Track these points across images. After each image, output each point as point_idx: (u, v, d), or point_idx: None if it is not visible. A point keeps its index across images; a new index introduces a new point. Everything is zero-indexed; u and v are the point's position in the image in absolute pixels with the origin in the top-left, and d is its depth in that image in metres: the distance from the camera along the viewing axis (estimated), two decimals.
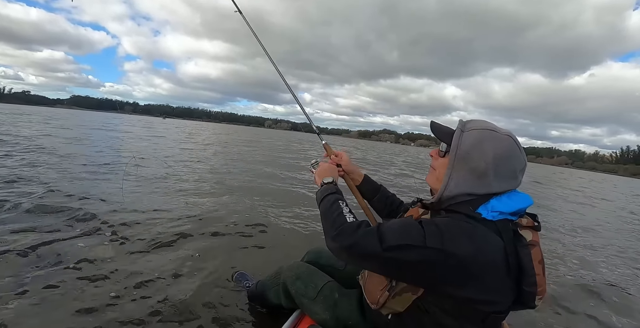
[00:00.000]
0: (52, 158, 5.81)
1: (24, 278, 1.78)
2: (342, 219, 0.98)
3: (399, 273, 0.90)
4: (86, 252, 2.17)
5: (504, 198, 0.88)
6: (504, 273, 0.83)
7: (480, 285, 0.83)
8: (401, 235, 0.85)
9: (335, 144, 19.27)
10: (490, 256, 0.82)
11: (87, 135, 12.08)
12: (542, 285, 0.86)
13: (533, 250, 0.85)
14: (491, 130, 0.91)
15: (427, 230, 0.84)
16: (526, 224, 0.88)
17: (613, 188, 20.12)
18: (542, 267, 0.86)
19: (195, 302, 1.76)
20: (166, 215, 3.17)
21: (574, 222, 5.79)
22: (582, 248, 4.06)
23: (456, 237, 0.82)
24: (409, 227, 0.87)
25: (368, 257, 0.88)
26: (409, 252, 0.83)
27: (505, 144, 0.89)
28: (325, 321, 1.21)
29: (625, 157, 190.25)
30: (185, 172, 5.93)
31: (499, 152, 0.88)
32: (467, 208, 0.89)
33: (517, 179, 0.91)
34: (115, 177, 4.68)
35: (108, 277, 1.90)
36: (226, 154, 10.81)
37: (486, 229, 0.85)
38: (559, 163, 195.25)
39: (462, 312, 0.87)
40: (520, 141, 0.94)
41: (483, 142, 0.90)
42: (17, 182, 3.79)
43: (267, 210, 3.84)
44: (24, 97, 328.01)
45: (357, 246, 0.89)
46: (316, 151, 16.70)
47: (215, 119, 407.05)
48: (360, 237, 0.89)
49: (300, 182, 6.29)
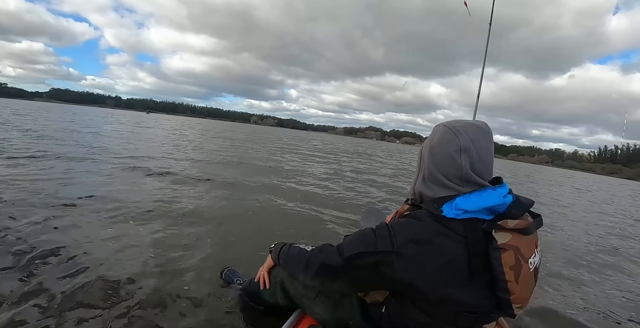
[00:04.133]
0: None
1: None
2: (304, 252, 1.10)
3: (364, 285, 0.98)
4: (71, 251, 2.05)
5: (473, 197, 0.86)
6: (464, 273, 0.83)
7: (434, 284, 0.84)
8: (355, 245, 0.93)
9: (324, 141, 19.22)
10: (442, 251, 0.83)
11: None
12: (517, 293, 0.82)
13: (504, 254, 0.81)
14: (436, 125, 1.00)
15: (379, 235, 0.90)
16: (513, 226, 0.82)
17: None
18: (514, 273, 0.81)
19: (184, 301, 1.67)
20: (148, 208, 3.05)
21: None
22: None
23: (404, 235, 0.87)
24: (363, 235, 0.95)
25: (334, 272, 0.97)
26: (365, 259, 0.90)
27: (438, 133, 0.96)
28: (326, 321, 1.18)
29: (603, 156, 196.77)
30: (172, 164, 5.78)
31: (432, 142, 0.96)
32: (432, 206, 0.90)
33: (455, 161, 0.90)
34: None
35: (92, 276, 1.77)
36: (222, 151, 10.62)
37: (442, 227, 0.85)
38: (540, 161, 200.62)
39: (430, 309, 0.89)
40: (502, 140, 0.96)
41: (430, 137, 1.00)
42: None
43: (258, 204, 3.75)
44: (0, 90, 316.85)
45: (323, 266, 0.99)
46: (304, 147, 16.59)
47: (200, 114, 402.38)
48: (324, 256, 1.00)
49: (294, 174, 6.21)
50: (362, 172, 8.81)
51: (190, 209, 3.24)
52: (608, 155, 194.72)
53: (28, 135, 8.05)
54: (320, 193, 5.01)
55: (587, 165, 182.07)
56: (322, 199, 4.55)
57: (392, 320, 1.00)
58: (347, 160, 13.01)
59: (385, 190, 6.16)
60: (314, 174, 7.10)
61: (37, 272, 1.76)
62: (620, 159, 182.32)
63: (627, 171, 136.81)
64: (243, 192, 4.32)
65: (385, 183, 7.12)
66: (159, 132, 16.40)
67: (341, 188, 5.73)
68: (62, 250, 2.02)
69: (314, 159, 11.52)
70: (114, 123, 19.89)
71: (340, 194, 5.10)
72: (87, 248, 2.09)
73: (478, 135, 0.91)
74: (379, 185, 6.70)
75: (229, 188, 4.44)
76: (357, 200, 4.78)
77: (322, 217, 3.58)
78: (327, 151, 17.39)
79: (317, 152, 15.21)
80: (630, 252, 4.02)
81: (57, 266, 1.84)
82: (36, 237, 2.14)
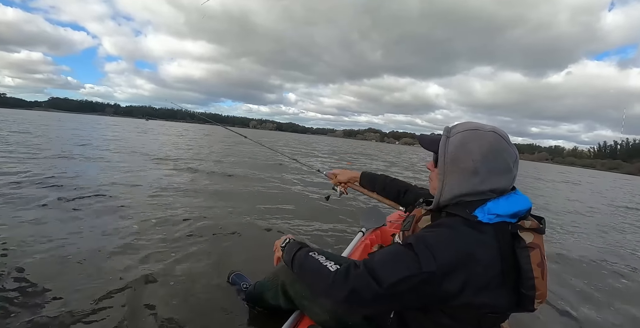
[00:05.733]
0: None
1: None
2: (326, 271, 0.95)
3: (404, 304, 0.89)
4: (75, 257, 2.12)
5: (502, 201, 0.88)
6: (499, 276, 0.84)
7: (474, 290, 0.83)
8: (396, 269, 0.84)
9: (322, 143, 19.17)
10: (482, 260, 0.82)
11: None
12: (541, 289, 0.85)
13: (532, 253, 0.84)
14: (474, 130, 0.93)
15: (420, 254, 0.83)
16: (529, 227, 0.87)
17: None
18: (541, 270, 0.84)
19: (190, 305, 1.74)
20: (155, 216, 3.11)
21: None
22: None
23: (447, 249, 0.83)
24: (401, 256, 0.86)
25: (370, 301, 0.86)
26: (409, 282, 0.82)
27: (490, 139, 0.90)
28: (325, 322, 1.21)
29: (603, 152, 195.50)
30: (175, 173, 5.82)
31: (485, 148, 0.89)
32: (464, 211, 0.90)
33: (511, 172, 0.91)
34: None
35: (95, 280, 1.85)
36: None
37: (479, 233, 0.85)
38: (540, 159, 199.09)
39: (459, 313, 0.89)
40: None
41: (468, 142, 0.91)
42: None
43: (262, 211, 3.81)
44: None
45: (354, 294, 0.87)
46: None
47: (199, 120, 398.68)
48: (354, 283, 0.87)
49: (298, 182, 6.26)
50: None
51: (204, 213, 3.30)
52: (608, 151, 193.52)
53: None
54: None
55: (588, 161, 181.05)
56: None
57: (405, 323, 1.00)
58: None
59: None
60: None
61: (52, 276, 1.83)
62: (620, 154, 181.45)
63: (627, 166, 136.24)
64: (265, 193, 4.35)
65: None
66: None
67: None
68: (77, 253, 2.10)
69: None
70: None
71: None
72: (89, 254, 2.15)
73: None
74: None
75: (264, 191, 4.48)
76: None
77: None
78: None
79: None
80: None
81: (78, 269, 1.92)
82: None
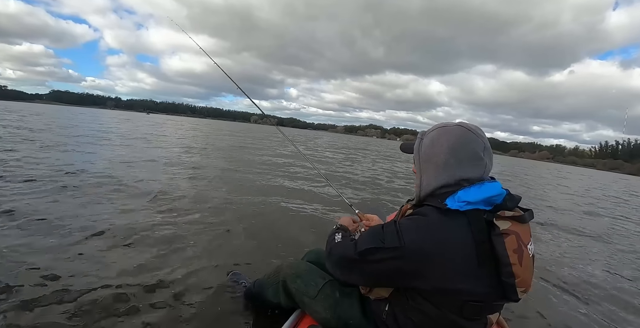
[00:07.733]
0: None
1: None
2: (332, 242, 1.14)
3: (376, 278, 1.00)
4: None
5: (473, 189, 0.91)
6: (473, 262, 0.86)
7: (445, 275, 0.87)
8: (367, 241, 0.98)
9: (322, 138, 19.28)
10: (451, 245, 0.86)
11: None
12: (521, 276, 0.85)
13: (507, 239, 0.85)
14: (442, 127, 1.01)
15: (386, 231, 0.94)
16: (508, 215, 0.88)
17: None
18: (518, 257, 0.85)
19: (189, 304, 1.71)
20: (153, 211, 3.09)
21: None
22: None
23: (412, 231, 0.90)
24: (374, 232, 0.99)
25: (349, 265, 1.03)
26: (375, 255, 0.94)
27: (456, 132, 0.97)
28: (326, 320, 1.22)
29: (604, 151, 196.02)
30: (176, 171, 5.77)
31: (452, 141, 0.96)
32: (436, 200, 0.95)
33: (482, 160, 0.96)
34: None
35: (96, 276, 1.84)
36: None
37: (448, 219, 0.89)
38: (541, 157, 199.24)
39: (439, 300, 0.92)
40: (503, 136, 0.98)
41: (437, 138, 1.00)
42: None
43: (263, 206, 3.78)
44: (0, 92, 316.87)
45: (341, 257, 1.05)
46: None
47: (200, 114, 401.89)
48: (342, 249, 1.06)
49: (296, 177, 6.19)
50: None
51: (206, 213, 3.29)
52: (609, 151, 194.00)
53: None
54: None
55: (589, 160, 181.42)
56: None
57: (396, 317, 1.02)
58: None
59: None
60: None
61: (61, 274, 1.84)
62: (621, 154, 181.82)
63: (629, 167, 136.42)
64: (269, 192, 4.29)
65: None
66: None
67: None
68: (75, 252, 2.10)
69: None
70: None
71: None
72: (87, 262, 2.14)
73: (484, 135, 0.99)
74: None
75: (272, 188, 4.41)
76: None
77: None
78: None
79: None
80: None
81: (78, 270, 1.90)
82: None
